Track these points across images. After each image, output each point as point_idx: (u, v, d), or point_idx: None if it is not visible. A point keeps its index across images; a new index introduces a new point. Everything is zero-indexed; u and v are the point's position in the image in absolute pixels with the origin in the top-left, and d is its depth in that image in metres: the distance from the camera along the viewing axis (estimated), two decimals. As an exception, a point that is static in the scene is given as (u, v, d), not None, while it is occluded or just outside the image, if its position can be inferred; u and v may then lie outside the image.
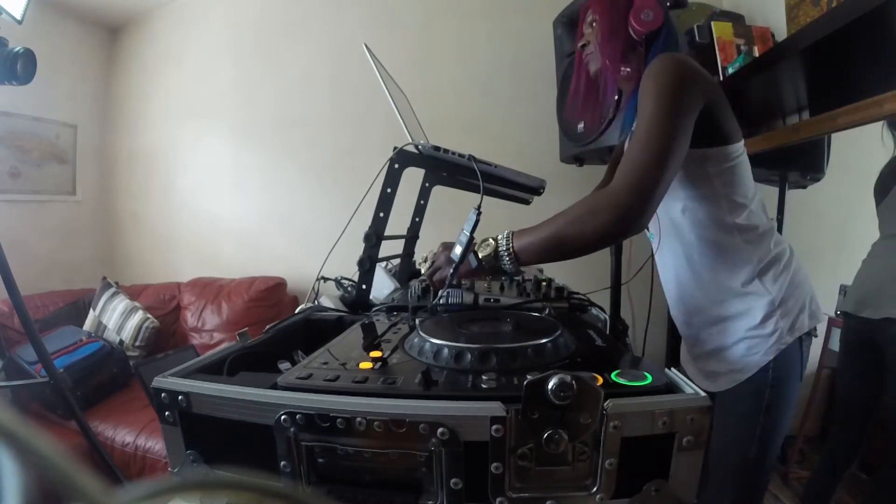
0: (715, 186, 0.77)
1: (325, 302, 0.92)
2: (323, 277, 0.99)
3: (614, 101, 0.88)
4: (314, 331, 0.79)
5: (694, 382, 0.43)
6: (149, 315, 2.11)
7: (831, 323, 1.53)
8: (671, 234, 0.85)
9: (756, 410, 0.79)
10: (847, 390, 1.35)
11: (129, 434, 1.62)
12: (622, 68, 0.82)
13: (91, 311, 2.14)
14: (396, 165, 0.84)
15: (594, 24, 0.84)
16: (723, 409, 0.82)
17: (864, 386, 1.28)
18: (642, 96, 0.70)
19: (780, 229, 1.50)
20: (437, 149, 0.83)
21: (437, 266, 0.82)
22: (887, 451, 1.25)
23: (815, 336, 0.82)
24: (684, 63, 0.71)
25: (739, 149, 0.78)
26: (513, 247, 0.70)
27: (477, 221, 0.72)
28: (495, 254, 0.71)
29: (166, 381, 0.48)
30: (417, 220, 1.24)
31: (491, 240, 0.72)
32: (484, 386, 0.44)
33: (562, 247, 0.68)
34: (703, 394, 0.42)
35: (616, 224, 0.65)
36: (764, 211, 0.83)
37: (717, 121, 0.74)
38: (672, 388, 0.44)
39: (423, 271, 0.91)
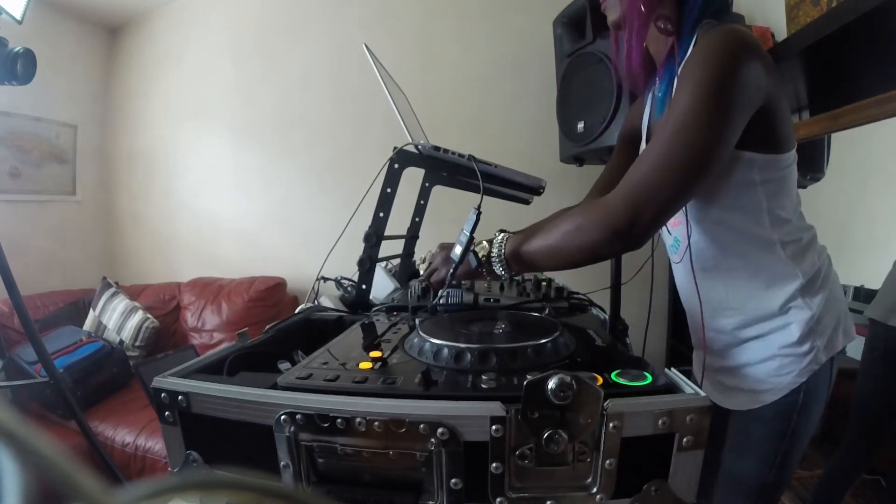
0: (759, 197, 0.65)
1: (325, 302, 0.92)
2: (323, 277, 0.99)
3: (639, 62, 0.68)
4: (314, 331, 0.79)
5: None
6: (149, 315, 2.11)
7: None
8: (701, 245, 0.73)
9: (780, 436, 0.71)
10: (868, 397, 1.33)
11: (129, 434, 1.62)
12: (658, 21, 0.62)
13: (91, 311, 2.14)
14: (396, 165, 0.84)
15: None
16: (741, 430, 0.76)
17: (886, 394, 1.25)
18: (683, 78, 0.56)
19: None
20: (437, 149, 0.82)
21: (434, 267, 0.82)
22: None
23: (845, 354, 0.74)
24: (749, 45, 0.54)
25: (791, 158, 0.66)
26: (504, 254, 0.68)
27: (477, 221, 0.71)
28: (488, 259, 0.69)
29: (166, 381, 0.48)
30: (417, 220, 1.24)
31: (485, 242, 0.70)
32: (484, 386, 0.44)
33: (551, 260, 0.64)
34: (702, 393, 0.41)
35: (606, 246, 0.58)
36: (803, 219, 0.73)
37: (774, 123, 0.61)
38: (672, 388, 0.44)
39: (421, 272, 0.91)
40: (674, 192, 0.55)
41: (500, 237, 0.70)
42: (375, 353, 0.53)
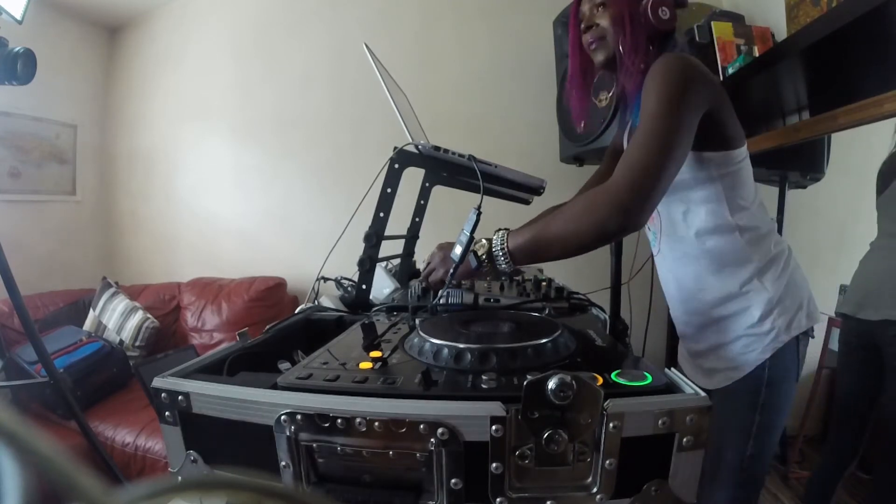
0: (718, 188, 0.77)
1: (325, 302, 0.92)
2: (323, 277, 0.99)
3: (632, 95, 0.81)
4: (314, 331, 0.79)
5: (691, 380, 0.44)
6: (149, 315, 2.11)
7: (831, 323, 1.53)
8: (672, 235, 0.85)
9: (752, 408, 0.79)
10: (846, 391, 1.36)
11: (129, 434, 1.62)
12: (641, 65, 0.76)
13: (91, 311, 2.14)
14: (396, 165, 0.84)
15: (602, 8, 0.78)
16: (718, 406, 0.81)
17: (863, 386, 1.28)
18: (646, 94, 0.69)
19: (780, 229, 1.50)
20: (437, 149, 0.83)
21: (432, 267, 0.82)
22: (885, 450, 1.25)
23: (813, 337, 0.82)
24: (690, 63, 0.70)
25: (742, 153, 0.78)
26: (507, 246, 0.69)
27: (477, 221, 0.72)
28: (489, 254, 0.70)
29: (166, 381, 0.48)
30: (417, 220, 1.24)
31: (484, 240, 0.71)
32: (484, 386, 0.44)
33: (557, 245, 0.67)
34: (702, 394, 0.42)
35: (613, 221, 0.63)
36: (764, 211, 0.83)
37: (720, 125, 0.74)
38: (672, 388, 0.44)
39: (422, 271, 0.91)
40: (660, 170, 0.64)
41: (499, 233, 0.71)
42: (375, 353, 0.53)
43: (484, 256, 0.70)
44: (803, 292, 0.82)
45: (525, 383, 0.39)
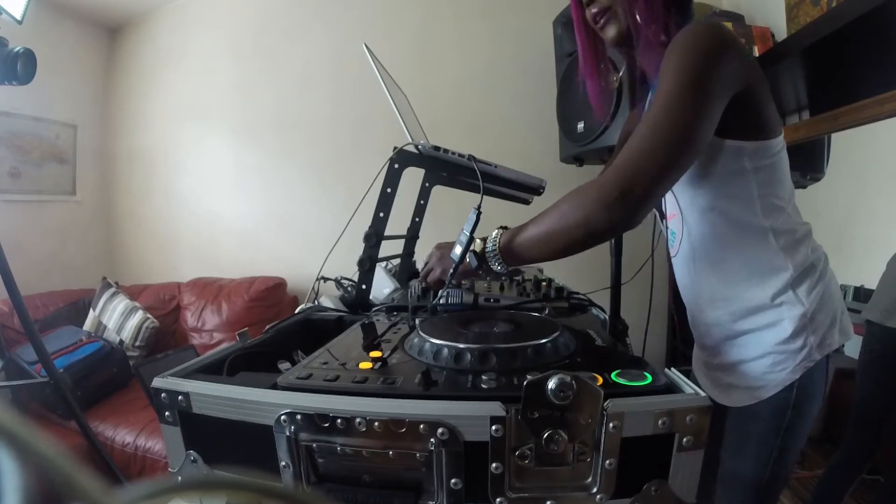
0: (750, 185, 0.66)
1: (325, 302, 0.92)
2: (323, 277, 0.99)
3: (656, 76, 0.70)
4: (314, 331, 0.79)
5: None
6: (149, 315, 2.11)
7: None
8: (695, 236, 0.75)
9: (774, 432, 0.71)
10: (867, 397, 1.33)
11: (129, 434, 1.62)
12: (661, 35, 0.65)
13: (91, 311, 2.14)
14: (396, 165, 0.84)
15: None
16: (737, 427, 0.76)
17: (885, 394, 1.26)
18: (664, 69, 0.59)
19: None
20: (437, 149, 0.83)
21: (430, 267, 0.81)
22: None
23: (842, 353, 0.74)
24: (722, 33, 0.59)
25: (779, 143, 0.67)
26: (499, 247, 0.66)
27: (477, 221, 0.71)
28: (483, 255, 0.68)
29: (166, 381, 0.48)
30: (417, 220, 1.24)
31: (479, 240, 0.69)
32: (484, 386, 0.44)
33: (549, 245, 0.62)
34: (702, 394, 0.42)
35: (599, 220, 0.57)
36: (798, 212, 0.73)
37: (756, 109, 0.64)
38: (672, 388, 0.44)
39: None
40: (662, 164, 0.56)
41: (495, 232, 0.68)
42: (375, 353, 0.53)
43: (480, 255, 0.68)
44: (837, 305, 0.72)
45: (525, 383, 0.39)
